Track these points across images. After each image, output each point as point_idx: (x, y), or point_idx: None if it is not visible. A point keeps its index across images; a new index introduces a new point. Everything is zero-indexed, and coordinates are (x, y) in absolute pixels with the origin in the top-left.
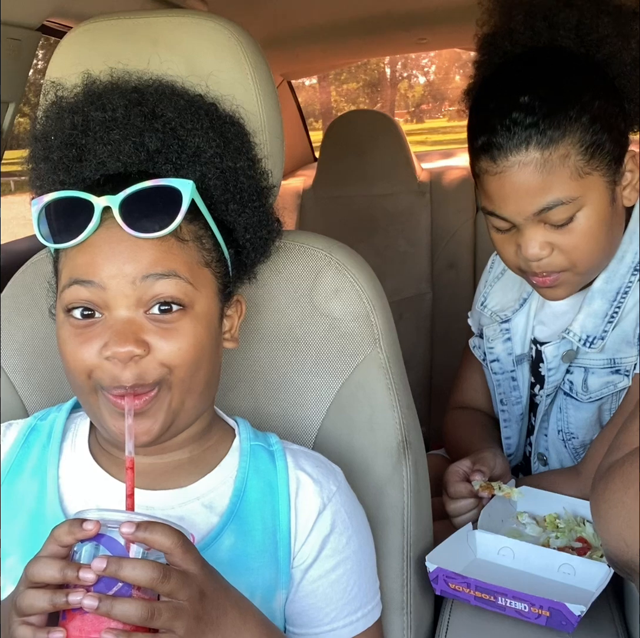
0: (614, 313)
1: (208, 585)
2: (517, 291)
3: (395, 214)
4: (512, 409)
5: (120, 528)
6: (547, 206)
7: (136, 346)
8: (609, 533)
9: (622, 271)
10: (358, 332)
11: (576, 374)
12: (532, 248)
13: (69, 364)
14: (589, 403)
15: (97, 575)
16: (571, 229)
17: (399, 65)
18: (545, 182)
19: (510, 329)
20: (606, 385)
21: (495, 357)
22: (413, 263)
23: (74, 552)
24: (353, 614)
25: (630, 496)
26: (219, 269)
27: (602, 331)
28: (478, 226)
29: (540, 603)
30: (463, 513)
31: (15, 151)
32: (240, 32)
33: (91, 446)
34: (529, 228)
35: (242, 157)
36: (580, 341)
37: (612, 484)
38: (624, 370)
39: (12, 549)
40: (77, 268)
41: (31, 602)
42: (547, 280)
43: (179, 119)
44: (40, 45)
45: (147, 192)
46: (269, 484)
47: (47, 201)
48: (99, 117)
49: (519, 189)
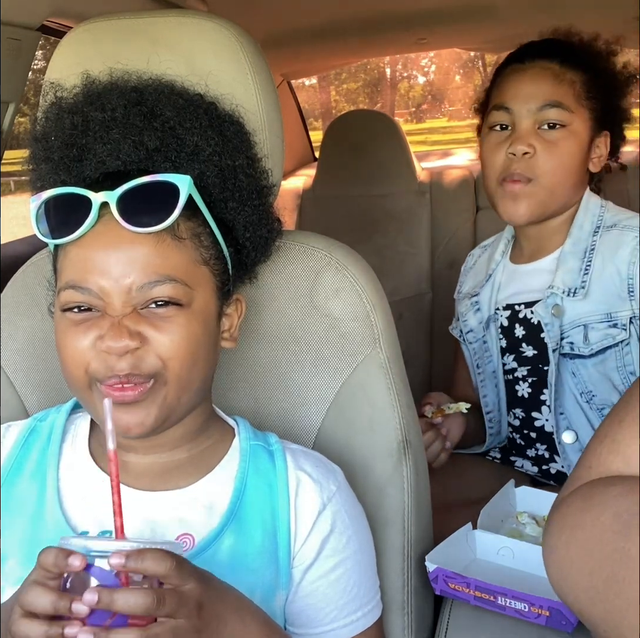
0: (587, 267)
1: (205, 597)
2: (484, 272)
3: (395, 214)
4: (486, 368)
5: (109, 560)
6: (550, 103)
7: (131, 340)
8: (551, 580)
9: (584, 236)
10: (358, 332)
11: (575, 333)
12: (521, 143)
13: (66, 357)
14: (591, 356)
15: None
16: (554, 142)
17: (399, 66)
18: (554, 87)
19: (479, 302)
20: (605, 337)
21: (469, 328)
22: (413, 263)
23: (66, 578)
24: (353, 614)
25: (563, 542)
26: (217, 267)
27: (580, 282)
28: (478, 226)
29: (540, 603)
30: (426, 446)
31: (15, 151)
32: (240, 32)
33: (91, 447)
34: (524, 127)
35: (241, 156)
36: (564, 292)
37: (550, 527)
38: (621, 324)
39: (12, 551)
40: (74, 273)
41: (27, 633)
42: (516, 186)
43: (177, 118)
44: (40, 45)
45: (145, 187)
46: (268, 484)
47: (45, 198)
48: (99, 117)
49: (533, 84)
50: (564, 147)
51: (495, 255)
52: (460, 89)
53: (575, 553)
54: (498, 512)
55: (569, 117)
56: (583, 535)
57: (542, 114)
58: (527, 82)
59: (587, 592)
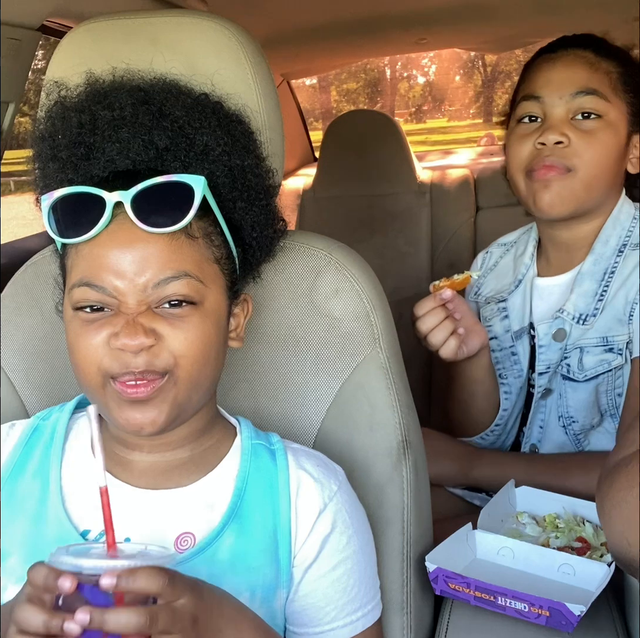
0: (603, 292)
1: (200, 609)
2: (512, 276)
3: (395, 214)
4: (514, 382)
5: (100, 581)
6: (584, 90)
7: (146, 337)
8: (612, 532)
9: (608, 254)
10: (358, 332)
11: (572, 356)
12: (553, 132)
13: (79, 356)
14: (585, 381)
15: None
16: (590, 131)
17: (399, 66)
18: (589, 74)
19: (507, 308)
20: (600, 363)
21: (493, 335)
22: (413, 263)
23: (58, 595)
24: (353, 614)
25: (634, 496)
26: (227, 266)
27: (593, 309)
28: (478, 226)
29: (540, 603)
30: (433, 325)
31: (15, 151)
32: (240, 32)
33: None
34: (557, 116)
35: (249, 155)
36: (574, 319)
37: (617, 483)
38: (617, 349)
39: (14, 549)
40: (88, 271)
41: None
42: (550, 173)
43: (186, 118)
44: (40, 45)
45: (159, 187)
46: (269, 483)
47: (57, 196)
48: (107, 116)
49: (566, 70)
50: (602, 139)
51: (524, 258)
52: (460, 89)
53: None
54: (498, 512)
55: (605, 107)
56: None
57: (576, 102)
58: (559, 68)
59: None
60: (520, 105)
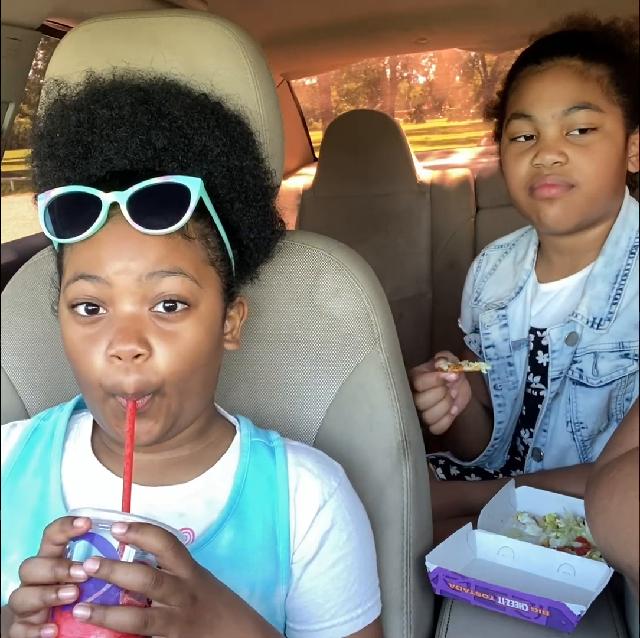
0: (617, 295)
1: (200, 589)
2: (512, 282)
3: (395, 214)
4: (508, 394)
5: (112, 528)
6: (577, 105)
7: (139, 345)
8: (597, 538)
9: (619, 255)
10: (358, 332)
11: (585, 361)
12: (549, 152)
13: (80, 369)
14: (599, 387)
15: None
16: (587, 146)
17: (399, 66)
18: (579, 86)
19: (507, 316)
20: (616, 369)
21: (491, 343)
22: (413, 263)
23: (67, 550)
24: (353, 611)
25: (615, 504)
26: (223, 268)
27: (607, 313)
28: (478, 226)
29: (540, 603)
30: (432, 404)
31: (15, 151)
32: (240, 32)
33: (94, 444)
34: (551, 135)
35: (247, 156)
36: (588, 323)
37: (600, 490)
38: (633, 354)
39: (15, 547)
40: (83, 263)
41: (22, 600)
42: (552, 190)
43: (185, 118)
44: (40, 45)
45: (155, 189)
46: (268, 479)
47: (54, 196)
48: (105, 115)
49: (555, 86)
50: (600, 152)
51: (525, 264)
52: (460, 89)
53: (628, 513)
54: (498, 512)
55: (600, 118)
56: (636, 496)
57: (569, 118)
58: (548, 84)
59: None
60: (512, 123)
